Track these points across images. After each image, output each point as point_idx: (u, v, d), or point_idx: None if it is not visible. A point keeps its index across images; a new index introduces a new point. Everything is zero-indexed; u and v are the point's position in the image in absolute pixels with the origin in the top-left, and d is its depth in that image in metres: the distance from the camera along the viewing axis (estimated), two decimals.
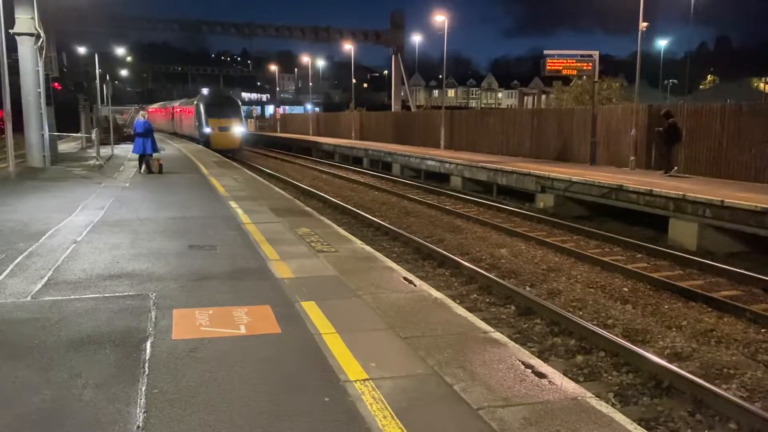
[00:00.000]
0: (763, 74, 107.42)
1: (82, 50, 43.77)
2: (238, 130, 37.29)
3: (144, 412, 3.64)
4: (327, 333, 5.02)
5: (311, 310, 5.61)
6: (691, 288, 9.30)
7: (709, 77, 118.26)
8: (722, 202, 12.02)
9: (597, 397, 4.07)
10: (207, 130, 36.13)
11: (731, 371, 6.51)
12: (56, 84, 25.67)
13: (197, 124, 37.46)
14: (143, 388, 3.96)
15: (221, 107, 37.52)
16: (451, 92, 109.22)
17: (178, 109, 48.57)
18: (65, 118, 28.59)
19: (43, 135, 19.77)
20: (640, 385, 6.15)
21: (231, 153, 33.53)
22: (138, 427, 3.48)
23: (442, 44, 34.24)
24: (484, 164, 21.39)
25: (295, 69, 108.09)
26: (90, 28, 41.49)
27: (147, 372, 4.21)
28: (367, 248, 8.55)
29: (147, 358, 4.46)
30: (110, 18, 41.48)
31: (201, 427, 3.50)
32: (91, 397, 3.85)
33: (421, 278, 7.64)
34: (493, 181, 20.60)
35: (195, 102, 39.54)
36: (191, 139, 40.11)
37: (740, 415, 5.41)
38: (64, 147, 30.09)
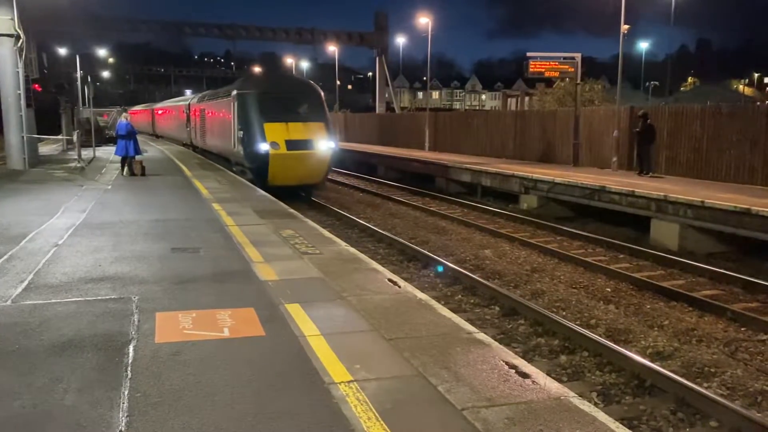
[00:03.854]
0: (743, 76, 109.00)
1: (63, 51, 43.36)
2: (325, 146, 18.16)
3: (127, 416, 3.61)
4: (311, 335, 5.01)
5: (295, 312, 5.59)
6: (672, 288, 9.41)
7: (689, 79, 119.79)
8: (703, 202, 12.17)
9: (580, 396, 4.10)
10: (261, 147, 17.44)
11: (712, 370, 6.59)
12: (36, 85, 25.39)
13: (240, 134, 18.51)
14: (126, 392, 3.92)
15: (288, 101, 18.49)
16: (435, 94, 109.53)
17: (197, 108, 27.78)
18: (46, 120, 28.25)
19: (23, 137, 19.53)
20: (622, 385, 6.21)
21: (303, 192, 18.87)
22: (120, 431, 3.45)
23: (426, 46, 34.12)
24: (468, 166, 21.46)
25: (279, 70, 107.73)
26: (71, 29, 41.00)
27: (130, 376, 4.18)
28: (352, 250, 8.54)
29: (130, 361, 4.43)
30: (91, 19, 40.98)
31: (184, 430, 3.48)
32: (73, 401, 3.81)
33: (405, 280, 7.66)
34: (477, 182, 20.68)
35: (234, 93, 19.29)
36: (226, 160, 21.53)
37: (721, 413, 5.48)
38: (44, 149, 29.75)
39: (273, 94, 18.67)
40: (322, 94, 19.74)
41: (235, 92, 19.27)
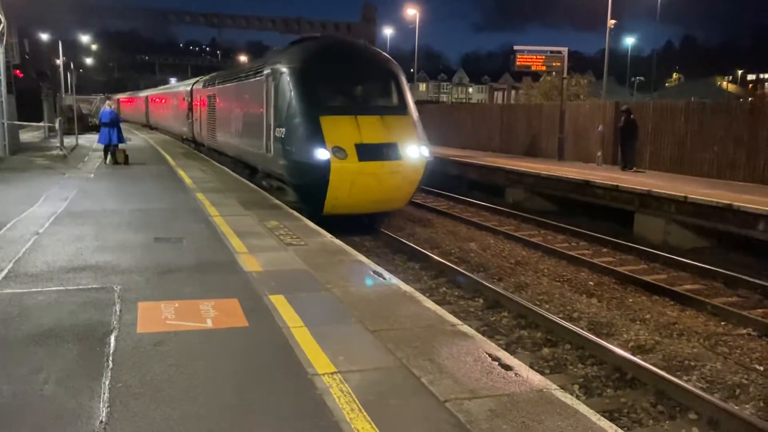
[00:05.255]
0: (727, 73, 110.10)
1: (45, 37, 42.69)
2: (415, 155, 11.51)
3: (107, 407, 3.57)
4: (295, 326, 4.99)
5: (280, 303, 5.57)
6: (655, 282, 9.50)
7: (674, 75, 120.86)
8: (686, 197, 12.28)
9: (562, 388, 4.12)
10: (317, 155, 10.90)
11: (692, 363, 6.68)
12: (18, 71, 25.01)
13: (278, 133, 11.89)
14: (107, 383, 3.88)
15: (356, 81, 12.32)
16: (422, 86, 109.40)
17: (204, 95, 20.95)
18: (27, 106, 27.84)
19: (3, 123, 19.25)
20: (604, 377, 6.27)
21: (367, 219, 12.85)
22: (101, 421, 3.42)
23: (414, 38, 34.03)
24: (455, 158, 21.48)
25: None
26: (53, 14, 40.38)
27: (111, 366, 4.14)
28: (337, 241, 8.51)
29: (111, 351, 4.38)
30: (74, 5, 40.40)
31: (166, 421, 3.45)
32: (53, 391, 3.76)
33: (390, 272, 7.64)
34: (463, 175, 20.71)
35: (267, 70, 12.89)
36: (248, 167, 15.61)
37: (700, 406, 5.55)
38: (26, 136, 29.32)
39: (332, 71, 11.97)
40: (402, 70, 12.81)
41: (269, 69, 12.78)
